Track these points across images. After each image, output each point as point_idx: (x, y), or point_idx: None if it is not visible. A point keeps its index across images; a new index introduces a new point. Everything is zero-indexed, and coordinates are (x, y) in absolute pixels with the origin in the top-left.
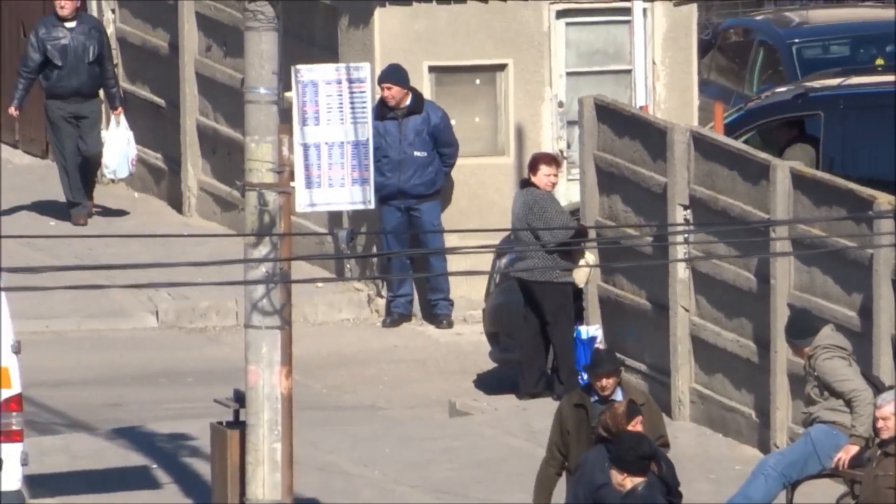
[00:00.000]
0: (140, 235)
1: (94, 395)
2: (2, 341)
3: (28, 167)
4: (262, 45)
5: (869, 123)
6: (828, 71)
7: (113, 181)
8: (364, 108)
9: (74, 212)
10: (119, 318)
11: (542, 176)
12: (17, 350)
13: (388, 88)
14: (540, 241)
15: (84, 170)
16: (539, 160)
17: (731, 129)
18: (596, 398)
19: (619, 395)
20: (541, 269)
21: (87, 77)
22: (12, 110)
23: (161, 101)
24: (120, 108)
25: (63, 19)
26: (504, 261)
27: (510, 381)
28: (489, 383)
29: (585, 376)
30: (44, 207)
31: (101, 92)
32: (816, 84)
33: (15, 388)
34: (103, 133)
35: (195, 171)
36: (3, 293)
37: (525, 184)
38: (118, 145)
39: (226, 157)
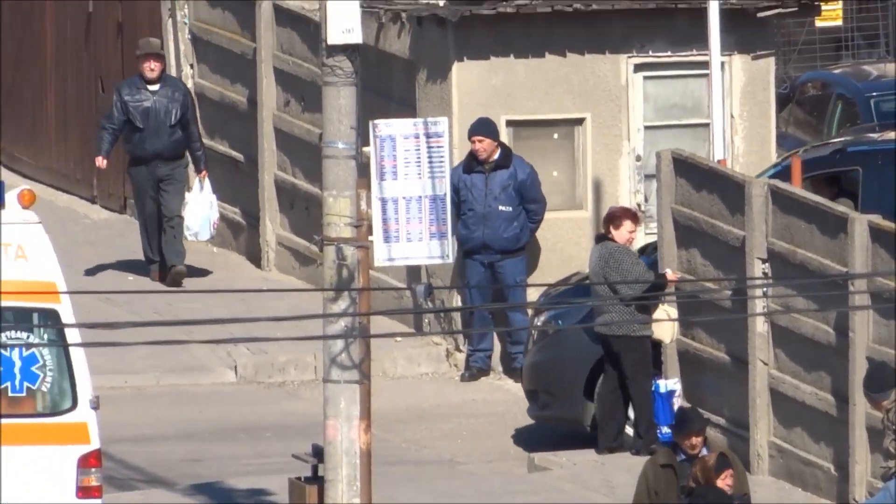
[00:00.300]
0: (219, 290)
1: (173, 450)
2: (81, 396)
3: (106, 222)
4: (341, 100)
5: None
6: (863, 126)
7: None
8: (442, 162)
9: (153, 268)
10: (198, 374)
11: (625, 232)
12: (95, 406)
13: (480, 141)
14: (617, 295)
15: (167, 232)
16: (624, 216)
17: None
18: (683, 457)
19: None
20: (618, 322)
21: (169, 140)
22: (100, 160)
23: (239, 156)
24: (205, 171)
25: (149, 81)
26: (543, 318)
27: (590, 435)
28: (567, 438)
29: (665, 430)
30: (122, 263)
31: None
32: (868, 136)
33: (94, 444)
34: (186, 195)
35: (273, 226)
36: (81, 349)
37: (601, 238)
38: (201, 208)
39: (304, 212)
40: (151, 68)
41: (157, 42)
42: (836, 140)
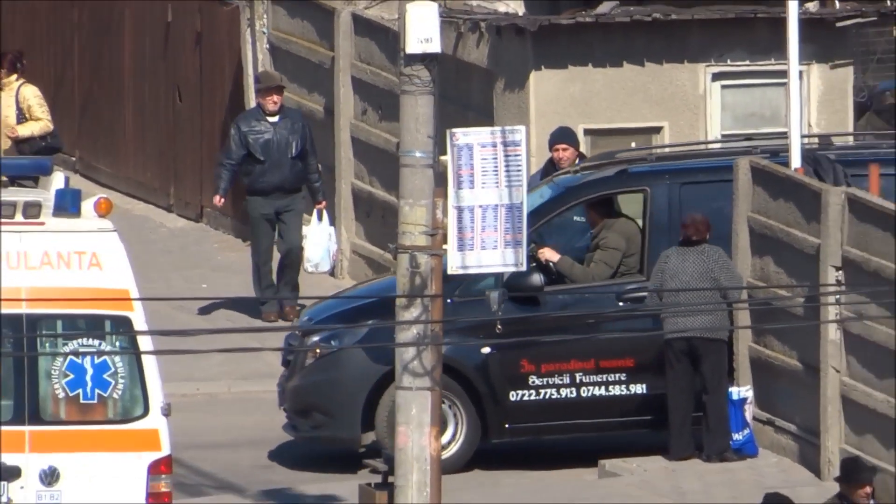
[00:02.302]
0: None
1: (243, 457)
2: (152, 403)
3: (182, 230)
4: (418, 109)
5: (697, 196)
6: (611, 152)
7: (312, 274)
8: (519, 170)
9: (265, 309)
10: (270, 380)
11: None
12: (167, 412)
13: (564, 150)
14: (726, 300)
15: (286, 267)
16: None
17: (544, 210)
18: None
19: None
20: (714, 328)
21: (290, 172)
22: (218, 199)
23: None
24: (324, 203)
25: (268, 114)
26: (317, 338)
27: (661, 441)
28: (638, 444)
29: (737, 437)
30: (197, 271)
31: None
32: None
33: (165, 451)
34: (304, 228)
35: (349, 234)
36: (154, 356)
37: (692, 241)
38: (320, 240)
39: (380, 221)
40: (274, 101)
41: (278, 75)
42: (602, 162)
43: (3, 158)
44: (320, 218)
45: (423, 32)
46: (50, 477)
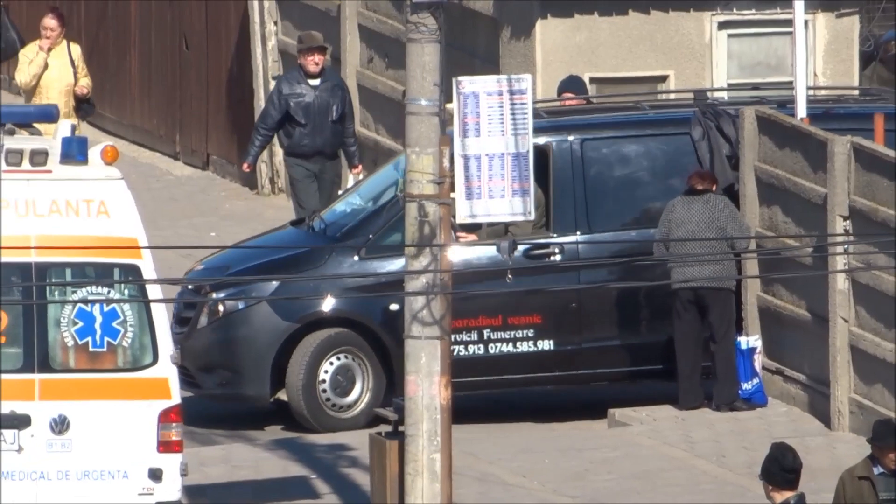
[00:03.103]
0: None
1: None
2: (162, 352)
3: (188, 178)
4: (424, 57)
5: (599, 151)
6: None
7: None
8: (525, 119)
9: None
10: None
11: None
12: (176, 361)
13: (571, 99)
14: (734, 250)
15: None
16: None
17: None
18: (882, 471)
19: None
20: (721, 277)
21: (330, 136)
22: (246, 167)
23: None
24: (359, 167)
25: (310, 76)
26: (222, 294)
27: (670, 391)
28: (648, 394)
29: (745, 386)
30: (205, 219)
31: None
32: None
33: (175, 399)
34: (339, 192)
35: None
36: (163, 305)
37: (697, 191)
38: None
39: None
40: (316, 62)
41: (321, 35)
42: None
43: (7, 106)
44: (355, 183)
45: None
46: (60, 425)
